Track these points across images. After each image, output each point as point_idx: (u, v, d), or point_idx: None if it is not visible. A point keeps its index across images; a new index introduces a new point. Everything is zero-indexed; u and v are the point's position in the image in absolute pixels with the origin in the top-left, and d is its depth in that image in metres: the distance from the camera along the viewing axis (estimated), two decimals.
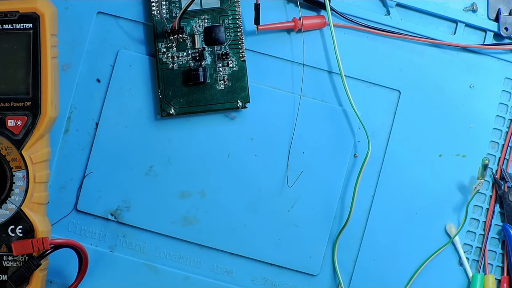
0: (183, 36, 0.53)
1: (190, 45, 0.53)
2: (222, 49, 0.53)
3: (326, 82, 0.55)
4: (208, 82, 0.53)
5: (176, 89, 0.53)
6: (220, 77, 0.53)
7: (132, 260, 0.54)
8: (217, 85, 0.53)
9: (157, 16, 0.53)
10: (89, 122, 0.54)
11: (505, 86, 0.55)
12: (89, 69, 0.54)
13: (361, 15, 0.55)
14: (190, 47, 0.53)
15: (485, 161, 0.52)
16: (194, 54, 0.53)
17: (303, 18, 0.53)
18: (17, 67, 0.50)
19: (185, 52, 0.53)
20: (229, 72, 0.53)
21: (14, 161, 0.50)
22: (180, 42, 0.53)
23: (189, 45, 0.53)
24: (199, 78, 0.52)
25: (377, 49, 0.55)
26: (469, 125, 0.55)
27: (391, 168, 0.55)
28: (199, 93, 0.53)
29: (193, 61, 0.53)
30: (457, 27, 0.55)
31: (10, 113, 0.50)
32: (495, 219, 0.55)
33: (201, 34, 0.53)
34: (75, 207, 0.54)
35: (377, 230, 0.54)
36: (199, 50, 0.53)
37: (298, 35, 0.55)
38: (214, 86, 0.53)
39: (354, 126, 0.55)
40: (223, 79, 0.53)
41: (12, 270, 0.50)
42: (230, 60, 0.53)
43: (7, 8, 0.50)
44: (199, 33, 0.53)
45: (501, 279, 0.55)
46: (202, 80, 0.52)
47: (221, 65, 0.53)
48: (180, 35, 0.53)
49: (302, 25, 0.53)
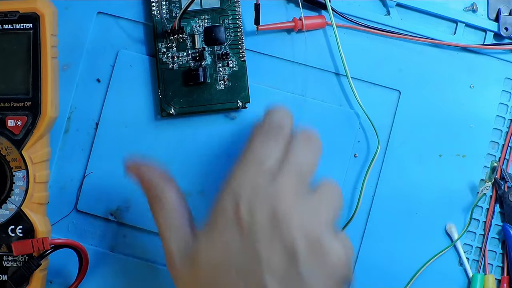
0: (183, 36, 0.53)
1: (190, 45, 0.53)
2: (222, 49, 0.53)
3: (326, 82, 0.55)
4: (208, 82, 0.53)
5: (176, 89, 0.53)
6: (220, 77, 0.53)
7: (132, 260, 0.54)
8: (217, 85, 0.53)
9: (157, 16, 0.53)
10: (89, 122, 0.54)
11: (505, 86, 0.55)
12: (89, 69, 0.54)
13: (361, 15, 0.55)
14: (190, 47, 0.53)
15: (494, 164, 0.53)
16: (194, 54, 0.53)
17: (303, 18, 0.53)
18: (17, 67, 0.50)
19: (185, 52, 0.53)
20: (229, 72, 0.53)
21: (14, 161, 0.50)
22: (180, 42, 0.53)
23: (189, 45, 0.53)
24: (199, 78, 0.52)
25: (377, 49, 0.55)
26: (469, 125, 0.55)
27: (391, 168, 0.55)
28: (199, 93, 0.53)
29: (193, 61, 0.53)
30: (457, 27, 0.55)
31: (10, 113, 0.50)
32: (495, 219, 0.55)
33: (201, 34, 0.53)
34: (75, 207, 0.54)
35: (377, 230, 0.54)
36: (199, 50, 0.53)
37: (298, 35, 0.55)
38: (214, 86, 0.53)
39: (354, 126, 0.55)
40: (223, 79, 0.53)
41: (12, 270, 0.50)
42: (230, 60, 0.53)
43: (7, 8, 0.50)
44: (199, 33, 0.53)
45: (501, 279, 0.55)
46: (202, 80, 0.52)
47: (221, 65, 0.53)
48: (180, 35, 0.53)
49: (303, 25, 0.53)
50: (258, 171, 0.43)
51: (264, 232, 0.41)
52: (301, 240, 0.41)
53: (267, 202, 0.42)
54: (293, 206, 0.42)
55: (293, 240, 0.41)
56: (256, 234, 0.41)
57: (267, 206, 0.42)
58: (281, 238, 0.41)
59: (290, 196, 0.42)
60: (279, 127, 0.45)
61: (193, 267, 0.43)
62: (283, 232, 0.41)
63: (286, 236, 0.41)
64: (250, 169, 0.43)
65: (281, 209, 0.41)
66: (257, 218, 0.42)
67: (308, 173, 0.44)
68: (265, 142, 0.45)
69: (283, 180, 0.43)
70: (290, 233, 0.41)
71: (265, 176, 0.43)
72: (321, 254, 0.41)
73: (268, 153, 0.44)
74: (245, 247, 0.42)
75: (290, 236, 0.41)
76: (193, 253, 0.44)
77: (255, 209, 0.42)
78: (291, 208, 0.42)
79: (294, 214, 0.42)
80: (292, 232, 0.41)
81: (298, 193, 0.43)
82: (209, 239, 0.43)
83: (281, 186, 0.42)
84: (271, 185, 0.42)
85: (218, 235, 0.43)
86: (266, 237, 0.41)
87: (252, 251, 0.41)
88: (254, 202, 0.42)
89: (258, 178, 0.43)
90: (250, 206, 0.42)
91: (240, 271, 0.41)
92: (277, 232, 0.41)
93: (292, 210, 0.42)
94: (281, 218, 0.41)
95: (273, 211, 0.41)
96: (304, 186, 0.44)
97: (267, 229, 0.41)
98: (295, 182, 0.43)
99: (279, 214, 0.41)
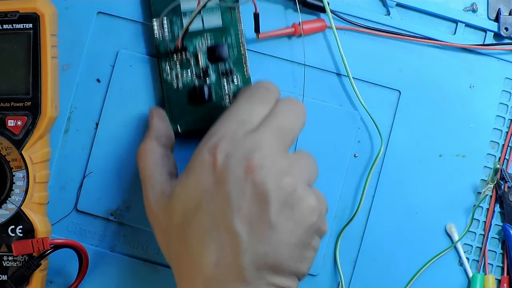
0: (187, 56, 0.52)
1: (194, 64, 0.52)
2: (226, 66, 0.53)
3: (326, 82, 0.55)
4: (213, 100, 0.52)
5: (182, 108, 0.52)
6: (225, 94, 0.53)
7: (132, 260, 0.54)
8: (223, 102, 0.53)
9: (160, 37, 0.52)
10: (89, 122, 0.54)
11: (505, 86, 0.55)
12: (89, 69, 0.54)
13: (361, 15, 0.55)
14: (194, 65, 0.52)
15: (497, 165, 0.53)
16: (198, 72, 0.52)
17: (303, 23, 0.53)
18: (17, 67, 0.50)
19: (189, 70, 0.52)
20: (234, 89, 0.53)
21: (14, 161, 0.50)
22: (183, 61, 0.52)
23: (193, 63, 0.52)
24: (204, 96, 0.52)
25: (377, 49, 0.55)
26: (469, 125, 0.55)
27: (391, 168, 0.55)
28: (205, 111, 0.52)
29: (197, 79, 0.52)
30: (457, 27, 0.55)
31: (10, 113, 0.50)
32: (495, 219, 0.55)
33: (205, 53, 0.52)
34: (75, 207, 0.54)
35: (377, 230, 0.54)
36: (203, 68, 0.52)
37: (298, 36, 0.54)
38: (220, 103, 0.53)
39: (354, 126, 0.55)
40: (229, 96, 0.53)
41: (12, 270, 0.50)
42: (234, 76, 0.53)
43: (7, 8, 0.50)
44: (203, 52, 0.53)
45: (501, 279, 0.55)
46: (207, 98, 0.52)
47: (225, 82, 0.53)
48: (184, 55, 0.52)
49: (302, 30, 0.53)
50: (240, 125, 0.44)
51: (237, 178, 0.42)
52: (273, 188, 0.42)
53: (244, 151, 0.43)
54: (269, 157, 0.43)
55: (265, 187, 0.42)
56: (229, 179, 0.43)
57: (243, 154, 0.43)
58: (253, 184, 0.42)
59: (267, 148, 0.43)
60: (266, 89, 0.47)
61: (167, 210, 0.45)
62: (255, 178, 0.42)
63: (258, 183, 0.42)
64: (232, 124, 0.45)
65: (256, 157, 0.43)
66: (231, 165, 0.43)
67: (289, 134, 0.45)
68: (250, 101, 0.46)
69: (263, 134, 0.44)
70: (263, 181, 0.42)
71: (246, 130, 0.44)
72: (292, 202, 0.43)
73: (253, 112, 0.45)
74: (217, 192, 0.43)
75: (262, 183, 0.42)
76: (170, 196, 0.45)
77: (231, 156, 0.43)
78: (267, 158, 0.43)
79: (268, 164, 0.43)
80: (265, 180, 0.42)
81: (276, 148, 0.44)
82: (183, 184, 0.44)
83: (260, 138, 0.43)
84: (250, 137, 0.43)
85: (193, 180, 0.44)
86: (239, 183, 0.42)
87: (224, 195, 0.43)
88: (231, 150, 0.43)
89: (238, 131, 0.44)
90: (227, 154, 0.43)
91: (211, 214, 0.43)
92: (249, 178, 0.42)
93: (268, 161, 0.43)
94: (255, 166, 0.42)
95: (248, 159, 0.42)
96: (283, 144, 0.44)
97: (240, 176, 0.42)
98: (275, 137, 0.44)
99: (253, 162, 0.42)
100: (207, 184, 0.43)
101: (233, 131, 0.44)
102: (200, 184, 0.43)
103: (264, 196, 0.42)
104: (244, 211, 0.42)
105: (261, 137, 0.44)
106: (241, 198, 0.42)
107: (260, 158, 0.43)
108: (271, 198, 0.42)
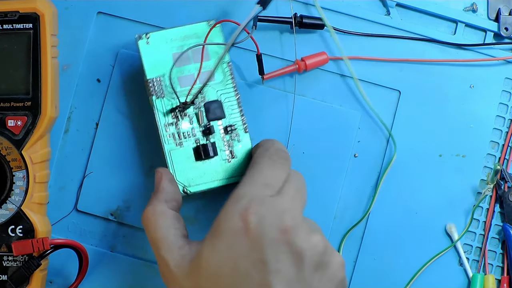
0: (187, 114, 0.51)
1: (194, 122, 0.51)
2: (223, 123, 0.52)
3: (326, 82, 0.55)
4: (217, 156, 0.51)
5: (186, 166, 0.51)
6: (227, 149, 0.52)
7: (132, 260, 0.54)
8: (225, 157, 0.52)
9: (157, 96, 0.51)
10: (89, 122, 0.54)
11: (505, 86, 0.55)
12: (89, 69, 0.54)
13: (361, 15, 0.55)
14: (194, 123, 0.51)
15: (497, 167, 0.53)
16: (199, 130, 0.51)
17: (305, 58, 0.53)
18: (17, 67, 0.50)
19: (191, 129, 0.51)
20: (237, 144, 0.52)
21: (14, 161, 0.50)
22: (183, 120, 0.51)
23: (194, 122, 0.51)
24: (208, 153, 0.51)
25: (377, 49, 0.55)
26: (469, 125, 0.55)
27: (391, 168, 0.55)
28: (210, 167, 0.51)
29: (201, 136, 0.51)
30: (457, 27, 0.55)
31: (10, 113, 0.50)
32: (495, 219, 0.55)
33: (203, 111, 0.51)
34: (75, 207, 0.54)
35: (377, 230, 0.54)
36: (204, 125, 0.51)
37: (297, 35, 0.54)
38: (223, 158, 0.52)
39: (354, 126, 0.55)
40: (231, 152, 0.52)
41: (12, 270, 0.50)
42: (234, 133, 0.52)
43: (7, 8, 0.50)
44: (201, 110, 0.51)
45: (501, 279, 0.55)
46: (212, 155, 0.51)
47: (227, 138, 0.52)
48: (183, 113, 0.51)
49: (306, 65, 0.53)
50: (265, 189, 0.45)
51: (273, 240, 0.43)
52: (308, 247, 0.43)
53: (276, 214, 0.44)
54: (298, 218, 0.44)
55: (301, 247, 0.43)
56: (264, 242, 0.43)
57: (275, 216, 0.43)
58: (289, 245, 0.43)
59: (296, 209, 0.45)
60: (285, 154, 0.48)
61: (194, 274, 0.44)
62: (291, 239, 0.43)
63: (293, 244, 0.43)
64: (258, 187, 0.45)
65: (288, 218, 0.44)
66: (266, 228, 0.43)
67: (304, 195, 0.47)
68: (273, 166, 0.47)
69: (289, 197, 0.45)
70: (298, 241, 0.43)
71: (271, 193, 0.45)
72: (326, 260, 0.44)
73: (276, 176, 0.46)
74: (253, 255, 0.43)
75: (297, 244, 0.43)
76: (194, 260, 0.44)
77: (264, 219, 0.43)
78: (297, 219, 0.44)
79: (300, 224, 0.44)
80: (300, 239, 0.43)
81: (300, 209, 0.46)
82: (214, 246, 0.44)
83: (288, 201, 0.45)
84: (280, 200, 0.45)
85: (224, 242, 0.43)
86: (275, 245, 0.43)
87: (261, 258, 0.43)
88: (263, 213, 0.43)
89: (265, 194, 0.45)
90: (259, 216, 0.43)
91: (249, 278, 0.43)
92: (285, 239, 0.43)
93: (298, 221, 0.44)
94: (290, 227, 0.43)
95: (282, 220, 0.43)
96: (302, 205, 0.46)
97: (276, 237, 0.43)
98: (298, 200, 0.46)
99: (287, 223, 0.43)
100: (241, 248, 0.43)
101: (261, 194, 0.45)
102: (234, 248, 0.43)
103: (300, 255, 0.43)
104: (282, 273, 0.43)
105: (288, 200, 0.45)
106: (279, 260, 0.43)
107: (292, 219, 0.44)
108: (306, 257, 0.43)
